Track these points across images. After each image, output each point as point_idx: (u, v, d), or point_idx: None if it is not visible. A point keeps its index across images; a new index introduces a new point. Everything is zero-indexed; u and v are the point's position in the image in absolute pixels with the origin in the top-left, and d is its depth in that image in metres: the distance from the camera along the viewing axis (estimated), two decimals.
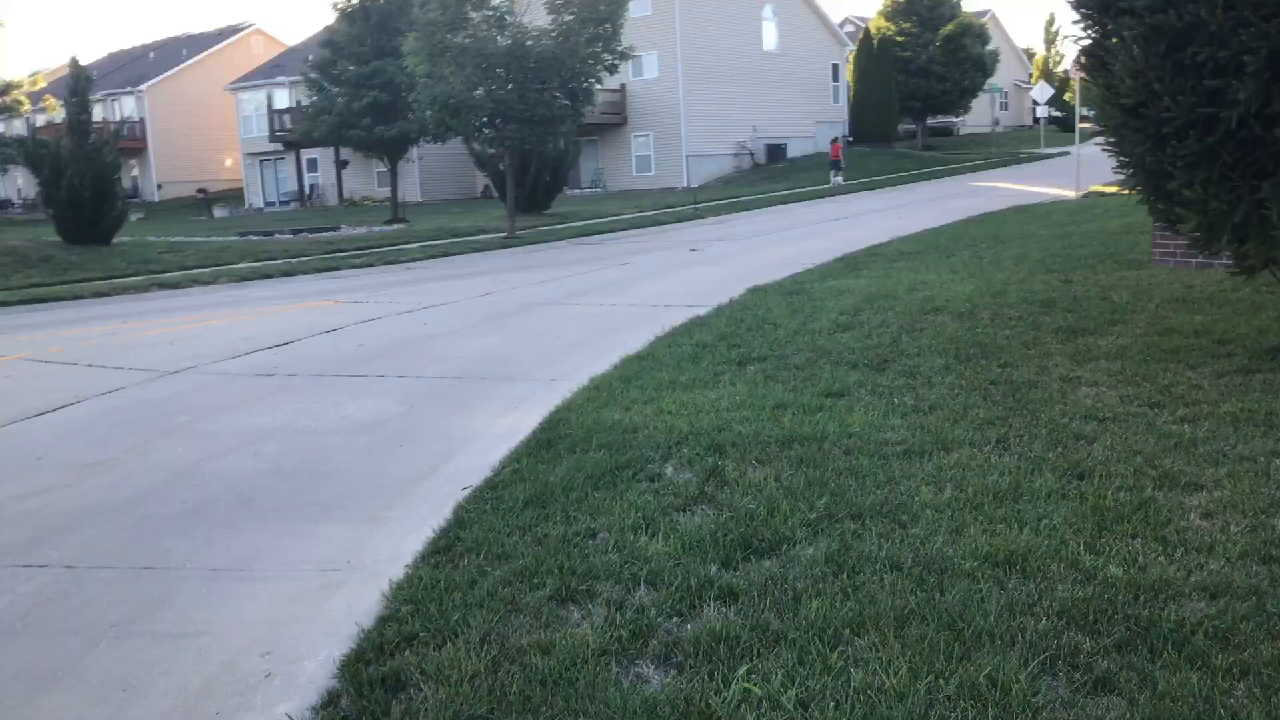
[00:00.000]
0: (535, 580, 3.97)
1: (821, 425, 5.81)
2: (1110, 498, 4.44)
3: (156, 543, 5.19)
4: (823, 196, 32.00)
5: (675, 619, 3.60)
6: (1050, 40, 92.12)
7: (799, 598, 3.65)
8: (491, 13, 22.16)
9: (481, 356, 9.57)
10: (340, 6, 30.30)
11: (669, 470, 5.29)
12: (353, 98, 29.89)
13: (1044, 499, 4.50)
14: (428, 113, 22.98)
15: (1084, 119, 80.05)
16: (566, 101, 23.28)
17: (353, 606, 4.26)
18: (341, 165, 43.05)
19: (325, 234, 28.24)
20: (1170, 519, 4.19)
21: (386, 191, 45.21)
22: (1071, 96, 78.27)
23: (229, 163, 57.37)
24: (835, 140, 39.65)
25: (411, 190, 43.86)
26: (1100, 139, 6.72)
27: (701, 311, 10.74)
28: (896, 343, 8.06)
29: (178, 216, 45.91)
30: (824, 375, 7.11)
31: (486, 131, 23.11)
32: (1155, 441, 5.22)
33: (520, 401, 7.73)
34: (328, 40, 30.48)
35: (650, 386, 7.20)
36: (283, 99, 49.11)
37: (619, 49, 23.06)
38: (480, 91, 22.44)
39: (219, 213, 45.44)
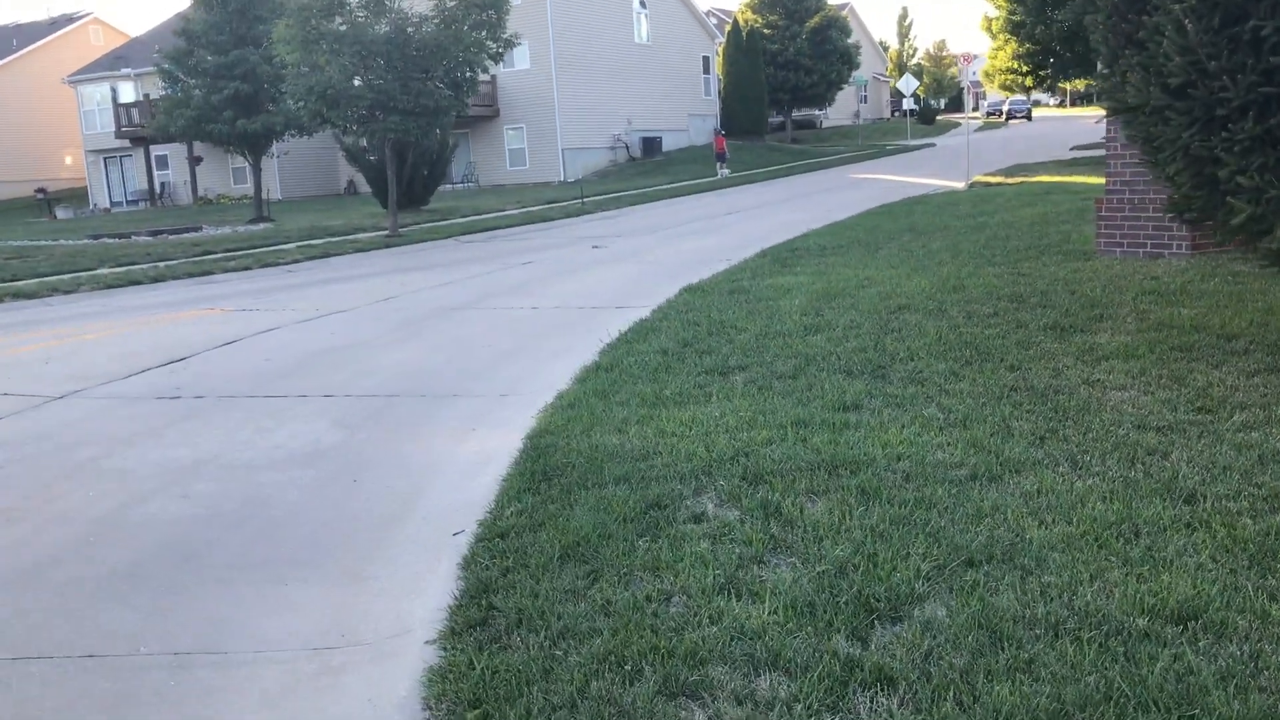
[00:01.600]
0: (627, 668, 3.19)
1: (860, 446, 5.16)
2: (1241, 527, 3.91)
3: (94, 619, 4.20)
4: (706, 190, 31.60)
5: (830, 717, 2.89)
6: (904, 34, 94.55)
7: (970, 680, 2.98)
8: None
9: (411, 370, 8.65)
10: None
11: (710, 507, 4.56)
12: (212, 89, 28.07)
13: (1168, 531, 3.94)
14: (300, 104, 21.56)
15: (945, 110, 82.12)
16: (450, 91, 22.17)
17: (375, 701, 3.42)
18: (196, 161, 40.72)
19: (188, 235, 26.42)
20: None
21: (244, 189, 43.10)
22: (924, 89, 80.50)
23: (69, 160, 53.91)
24: (719, 133, 39.43)
25: (272, 187, 41.76)
26: (1117, 122, 6.25)
27: (639, 314, 10.02)
28: (880, 345, 7.49)
29: (15, 218, 42.76)
30: (824, 385, 6.48)
31: (366, 124, 21.80)
32: (1236, 455, 4.74)
33: (475, 422, 6.89)
34: (183, 29, 28.49)
35: (635, 403, 6.45)
36: (129, 92, 46.28)
37: (504, 36, 22.08)
38: (359, 81, 21.17)
39: (62, 214, 42.49)
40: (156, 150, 45.49)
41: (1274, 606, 3.30)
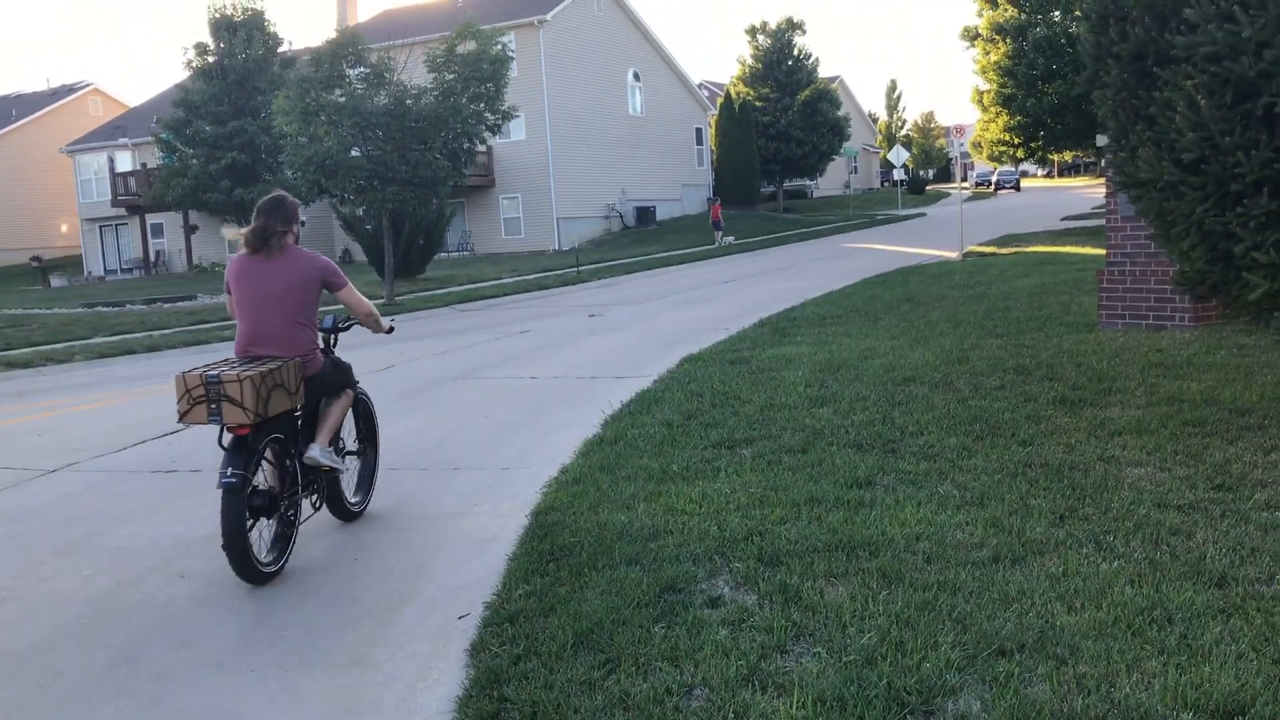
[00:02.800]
0: None
1: (877, 526, 5.04)
2: (1278, 614, 3.79)
3: (87, 712, 4.03)
4: (701, 258, 31.70)
5: None
6: (893, 106, 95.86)
7: None
8: (369, 70, 21.09)
9: (411, 442, 8.52)
10: (195, 64, 28.64)
11: (727, 591, 4.42)
12: (209, 159, 28.22)
13: (1203, 617, 3.81)
14: (298, 174, 21.64)
15: (933, 180, 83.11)
16: (448, 162, 22.28)
17: None
18: (191, 230, 40.82)
19: (183, 303, 26.36)
20: None
21: None
22: (913, 160, 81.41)
23: (65, 228, 54.05)
24: (716, 201, 39.71)
25: None
26: (1130, 197, 6.23)
27: (640, 384, 9.95)
28: (889, 419, 7.40)
29: (9, 286, 42.74)
30: (834, 460, 6.37)
31: (363, 194, 21.86)
32: (1263, 536, 4.64)
33: (478, 497, 6.76)
34: (181, 99, 28.71)
35: (641, 478, 6.32)
36: (126, 161, 46.50)
37: (502, 109, 22.26)
38: (357, 152, 21.28)
39: (56, 281, 42.44)
40: (152, 218, 45.61)
41: None
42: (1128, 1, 5.95)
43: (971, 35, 34.64)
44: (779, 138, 51.15)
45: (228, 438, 5.35)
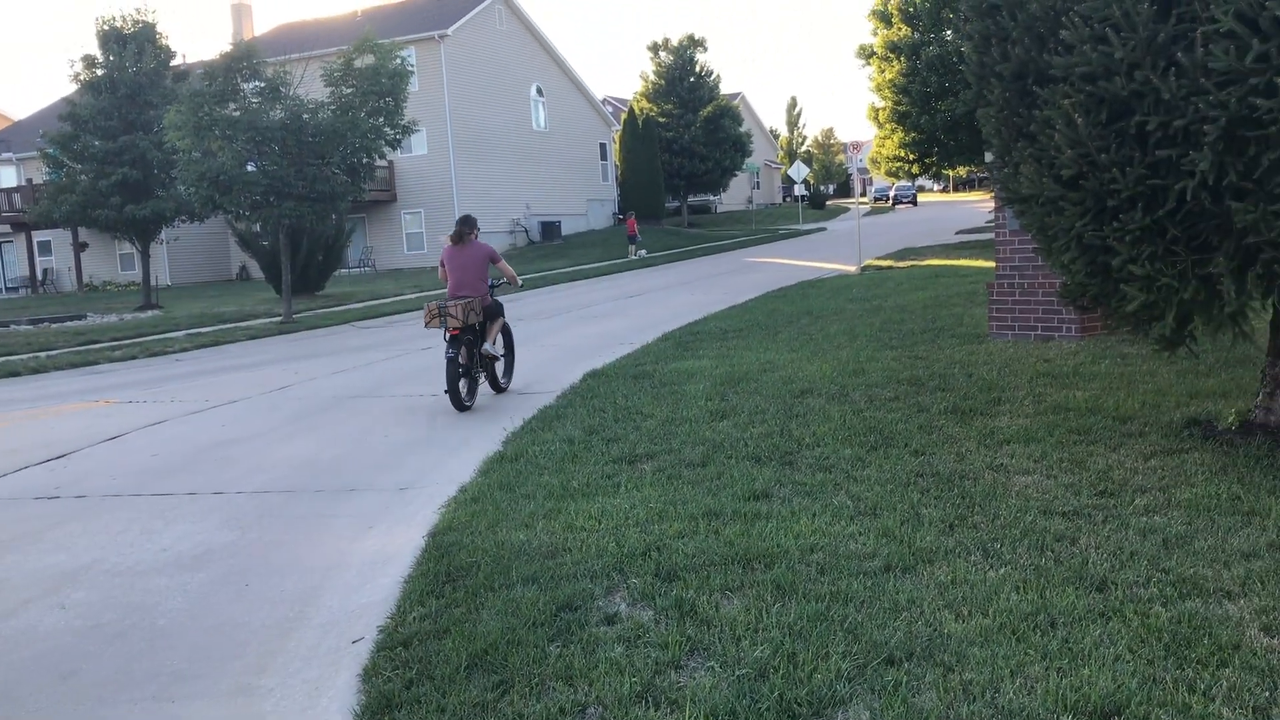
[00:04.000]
0: None
1: (773, 538, 5.08)
2: (1154, 615, 3.92)
3: None
4: (606, 273, 31.75)
5: None
6: (793, 122, 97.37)
7: None
8: (265, 84, 20.68)
9: (306, 463, 8.35)
10: (83, 77, 27.73)
11: (623, 608, 4.41)
12: (99, 175, 27.28)
13: (1083, 621, 3.92)
14: (192, 190, 21.10)
15: (834, 195, 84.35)
16: (346, 177, 21.96)
17: None
18: (81, 248, 39.55)
19: (71, 323, 25.43)
20: (1238, 640, 3.69)
21: (131, 275, 41.96)
22: (814, 176, 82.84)
23: None
24: (630, 216, 39.82)
25: (161, 273, 40.74)
26: (1015, 212, 6.41)
27: (543, 400, 9.92)
28: (786, 431, 7.48)
29: None
30: (733, 473, 6.42)
31: (259, 210, 21.41)
32: (1141, 540, 4.80)
33: (375, 518, 6.65)
34: (69, 113, 27.72)
35: (541, 495, 6.29)
36: (10, 177, 44.91)
37: (402, 123, 22.02)
38: (252, 167, 20.84)
39: None
40: (39, 236, 44.11)
41: (1194, 698, 3.29)
42: (1009, 22, 6.13)
43: (867, 54, 35.34)
44: (683, 153, 51.58)
45: (449, 335, 9.91)
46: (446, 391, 9.82)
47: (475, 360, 10.28)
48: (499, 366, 10.94)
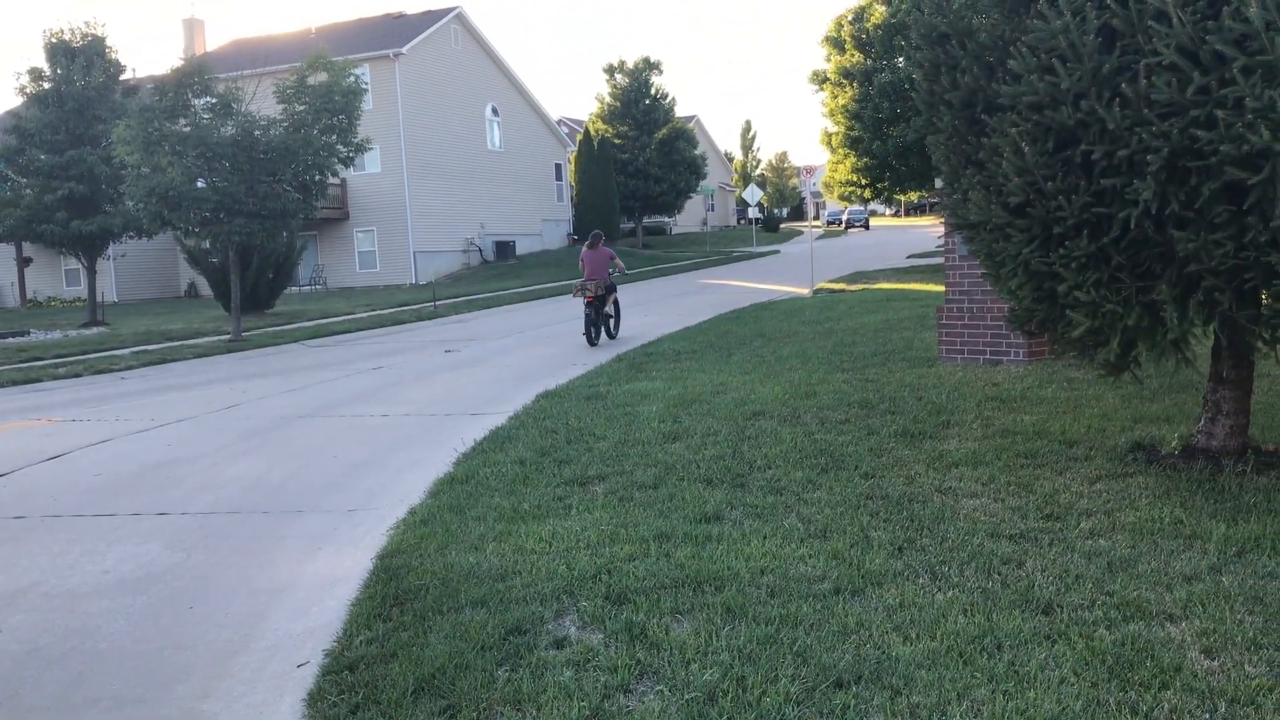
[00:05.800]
0: None
1: (723, 560, 5.09)
2: (1098, 639, 3.97)
3: None
4: (561, 293, 31.67)
5: None
6: (748, 145, 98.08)
7: None
8: (216, 100, 20.48)
9: (253, 484, 8.24)
10: (29, 90, 27.31)
11: (573, 631, 4.39)
12: (45, 189, 26.84)
13: (1029, 644, 3.96)
14: (140, 206, 20.80)
15: (787, 218, 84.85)
16: (298, 195, 21.77)
17: None
18: (25, 263, 38.86)
19: (13, 339, 24.94)
20: (1180, 663, 3.75)
21: (77, 291, 41.29)
22: (767, 199, 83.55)
23: None
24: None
25: (108, 289, 40.07)
26: (963, 238, 6.49)
27: (495, 421, 9.86)
28: (738, 453, 7.50)
29: None
30: (685, 495, 6.42)
31: (209, 227, 21.15)
32: (1087, 563, 4.86)
33: (323, 540, 6.57)
34: (14, 126, 27.28)
35: (492, 518, 6.25)
36: None
37: (355, 141, 21.89)
38: (202, 183, 20.61)
39: None
40: None
41: None
42: (958, 51, 6.22)
43: (821, 79, 35.72)
44: (638, 175, 51.77)
45: (586, 301, 16.42)
46: (584, 334, 16.49)
47: (601, 315, 16.62)
48: (612, 323, 17.25)
